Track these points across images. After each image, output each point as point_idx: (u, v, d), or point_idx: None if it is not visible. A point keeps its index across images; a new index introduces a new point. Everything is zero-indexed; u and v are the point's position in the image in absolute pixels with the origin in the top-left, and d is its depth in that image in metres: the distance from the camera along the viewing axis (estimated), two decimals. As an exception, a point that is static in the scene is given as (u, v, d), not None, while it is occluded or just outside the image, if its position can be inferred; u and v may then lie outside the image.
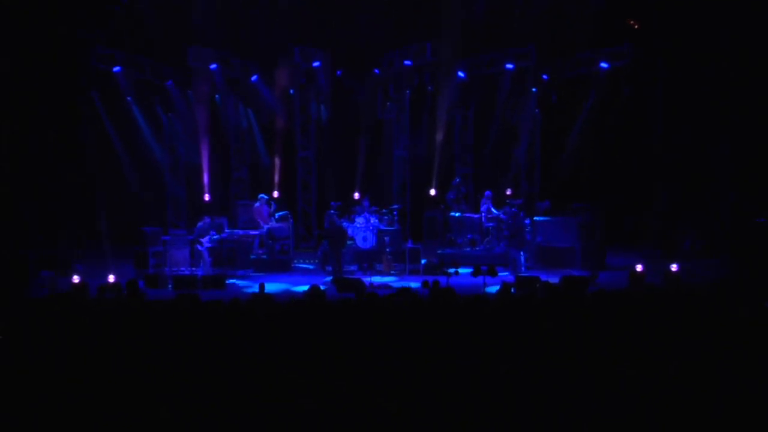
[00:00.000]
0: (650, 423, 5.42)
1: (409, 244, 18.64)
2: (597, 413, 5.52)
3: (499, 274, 14.28)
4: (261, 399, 5.77)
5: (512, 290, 11.88)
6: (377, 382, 5.91)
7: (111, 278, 14.39)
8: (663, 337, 7.17)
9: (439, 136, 22.54)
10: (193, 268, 18.00)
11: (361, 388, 5.78)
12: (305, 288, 13.55)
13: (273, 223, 19.50)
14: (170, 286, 16.29)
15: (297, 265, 19.93)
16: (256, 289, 13.69)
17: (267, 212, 19.77)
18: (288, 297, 11.71)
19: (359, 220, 19.45)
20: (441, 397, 5.73)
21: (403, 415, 5.46)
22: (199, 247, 17.53)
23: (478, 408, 5.61)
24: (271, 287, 15.17)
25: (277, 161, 23.19)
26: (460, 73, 22.07)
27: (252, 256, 19.04)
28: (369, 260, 18.61)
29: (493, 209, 19.69)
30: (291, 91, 23.08)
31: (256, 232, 19.51)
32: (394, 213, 20.09)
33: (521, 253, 17.65)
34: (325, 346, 6.91)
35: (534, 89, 22.40)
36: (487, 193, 20.08)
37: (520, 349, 6.80)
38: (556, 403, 5.62)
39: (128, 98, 21.53)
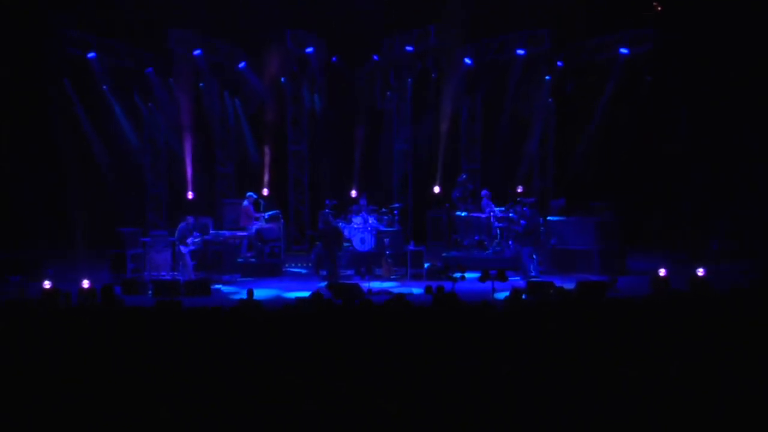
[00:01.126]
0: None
1: (411, 247, 18.61)
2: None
3: (510, 279, 14.29)
4: (246, 417, 5.76)
5: (523, 296, 11.89)
6: (371, 399, 5.91)
7: (85, 283, 14.36)
8: (689, 348, 7.16)
9: (444, 129, 22.51)
10: (175, 273, 17.98)
11: (351, 407, 5.78)
12: (297, 294, 13.60)
13: (262, 224, 19.48)
14: (150, 292, 16.25)
15: (288, 269, 19.92)
16: (243, 295, 13.68)
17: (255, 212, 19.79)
18: (280, 304, 11.70)
19: (356, 221, 19.42)
20: (447, 419, 5.73)
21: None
22: (182, 250, 17.51)
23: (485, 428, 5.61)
24: (260, 293, 15.14)
25: (266, 156, 23.17)
26: (467, 60, 22.05)
27: (239, 260, 19.02)
28: (367, 264, 18.59)
29: (495, 208, 19.67)
30: (282, 80, 23.07)
31: (244, 234, 19.48)
32: (395, 212, 20.04)
33: (534, 256, 17.63)
34: (315, 360, 6.88)
35: (548, 77, 22.38)
36: (484, 192, 20.05)
37: (531, 361, 6.79)
38: (568, 418, 5.62)
39: (104, 87, 21.54)
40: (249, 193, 20.02)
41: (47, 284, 14.34)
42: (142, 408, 6.01)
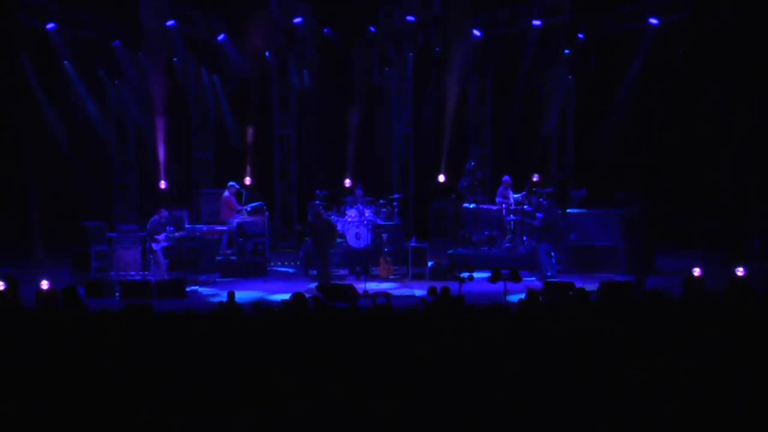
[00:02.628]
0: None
1: (413, 243, 18.62)
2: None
3: (524, 279, 14.27)
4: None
5: (540, 299, 11.88)
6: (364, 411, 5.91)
7: (44, 284, 14.33)
8: (728, 357, 7.14)
9: (450, 110, 22.49)
10: (146, 273, 17.97)
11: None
12: (284, 297, 13.57)
13: (244, 217, 19.46)
14: (117, 294, 16.26)
15: (274, 268, 19.92)
16: (223, 298, 13.66)
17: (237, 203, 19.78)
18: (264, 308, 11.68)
19: (351, 213, 19.41)
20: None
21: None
22: (154, 247, 17.50)
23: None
24: (242, 296, 15.12)
25: (249, 140, 23.13)
26: (476, 32, 22.00)
27: (218, 258, 19.00)
28: (363, 262, 18.58)
29: (514, 197, 19.63)
30: (266, 54, 23.00)
31: (224, 228, 19.48)
32: (394, 204, 20.03)
33: (552, 253, 17.63)
34: (303, 376, 6.86)
35: (567, 51, 22.34)
36: (505, 178, 20.02)
37: (547, 370, 6.77)
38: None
39: (65, 62, 21.47)
40: (230, 183, 20.01)
41: (0, 285, 14.30)
42: (107, 425, 5.99)
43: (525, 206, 19.23)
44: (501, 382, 6.53)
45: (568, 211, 18.88)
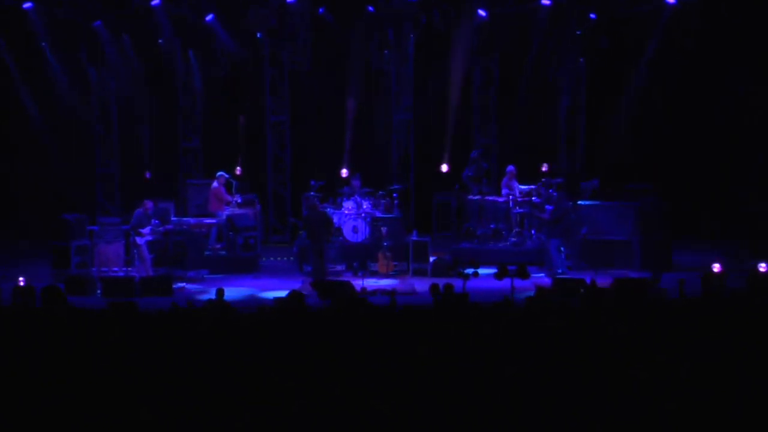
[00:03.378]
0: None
1: (414, 237, 18.60)
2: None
3: (533, 275, 14.25)
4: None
5: (549, 296, 11.86)
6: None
7: (21, 281, 14.33)
8: (750, 360, 7.11)
9: (453, 95, 22.44)
10: (130, 268, 17.96)
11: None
12: (276, 294, 13.58)
13: (234, 209, 19.44)
14: (99, 291, 16.24)
15: (266, 263, 19.90)
16: (212, 295, 13.65)
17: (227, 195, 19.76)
18: (255, 305, 11.68)
19: (348, 205, 19.38)
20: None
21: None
22: (138, 241, 17.48)
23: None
24: (232, 293, 15.12)
25: (240, 128, 23.09)
26: (481, 12, 21.95)
27: (207, 253, 19.01)
28: (361, 258, 18.58)
29: (521, 188, 19.61)
30: (258, 36, 22.94)
31: (213, 221, 19.47)
32: (394, 196, 19.99)
33: (562, 248, 17.62)
34: (294, 381, 6.84)
35: (578, 32, 22.29)
36: (510, 168, 19.99)
37: (556, 373, 6.75)
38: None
39: (43, 44, 21.42)
40: (219, 173, 19.99)
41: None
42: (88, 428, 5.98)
43: (533, 198, 19.20)
44: (506, 384, 6.50)
45: (579, 203, 18.85)
